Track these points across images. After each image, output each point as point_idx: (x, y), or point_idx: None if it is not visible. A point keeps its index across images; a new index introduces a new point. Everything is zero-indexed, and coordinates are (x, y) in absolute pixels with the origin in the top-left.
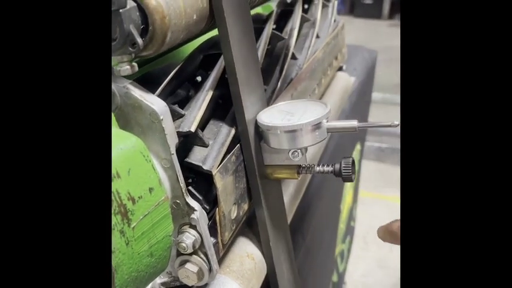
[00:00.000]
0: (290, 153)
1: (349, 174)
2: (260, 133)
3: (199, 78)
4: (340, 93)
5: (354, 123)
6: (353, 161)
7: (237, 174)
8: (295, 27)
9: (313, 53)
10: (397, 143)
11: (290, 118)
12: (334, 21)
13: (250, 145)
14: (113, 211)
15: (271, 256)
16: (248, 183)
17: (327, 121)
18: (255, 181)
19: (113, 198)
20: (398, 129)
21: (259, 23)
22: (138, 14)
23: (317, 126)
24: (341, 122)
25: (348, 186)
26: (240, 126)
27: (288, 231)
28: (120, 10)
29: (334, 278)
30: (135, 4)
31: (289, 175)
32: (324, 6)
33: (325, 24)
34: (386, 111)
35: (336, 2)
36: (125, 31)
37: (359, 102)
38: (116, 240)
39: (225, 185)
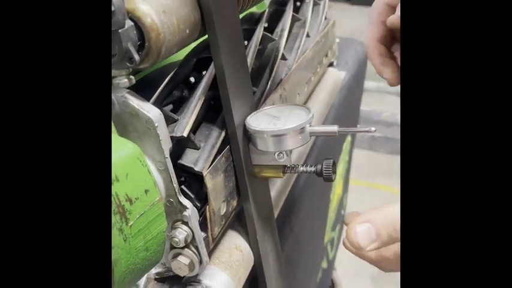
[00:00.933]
0: (276, 155)
1: (329, 175)
2: (248, 135)
3: (192, 79)
4: (329, 90)
5: (334, 128)
6: (333, 162)
7: (227, 173)
8: (285, 28)
9: (303, 52)
10: (389, 132)
11: (276, 122)
12: (325, 18)
13: (239, 147)
14: (112, 211)
15: (257, 248)
16: (237, 181)
17: (310, 126)
18: (243, 180)
19: (112, 200)
20: (391, 118)
21: (251, 23)
22: (135, 32)
23: (301, 130)
24: (323, 127)
25: (338, 176)
26: (229, 129)
27: (275, 225)
28: (120, 30)
29: (324, 264)
30: (132, 23)
31: (275, 174)
32: (316, 4)
33: (315, 23)
34: (381, 100)
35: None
36: (123, 49)
37: (349, 96)
38: (115, 237)
39: (214, 184)
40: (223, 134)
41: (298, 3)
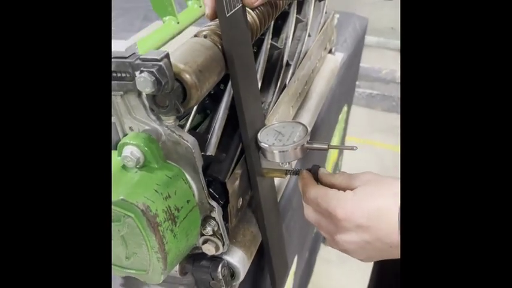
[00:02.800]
0: (280, 163)
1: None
2: (259, 147)
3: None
4: (327, 77)
5: (325, 145)
6: (318, 167)
7: (242, 177)
8: (289, 36)
9: (305, 53)
10: (387, 90)
11: (281, 138)
12: (326, 13)
13: (251, 156)
14: (166, 218)
15: (264, 229)
16: (249, 180)
17: (307, 143)
18: (254, 180)
19: (166, 210)
20: (390, 76)
21: None
22: (180, 90)
23: (300, 147)
24: (316, 144)
25: (334, 143)
26: (244, 143)
27: (278, 209)
28: (171, 93)
29: None
30: (179, 84)
31: (279, 175)
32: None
33: (316, 21)
34: (381, 55)
35: None
36: (172, 104)
37: (346, 75)
38: (168, 236)
39: (233, 188)
40: (239, 146)
41: None
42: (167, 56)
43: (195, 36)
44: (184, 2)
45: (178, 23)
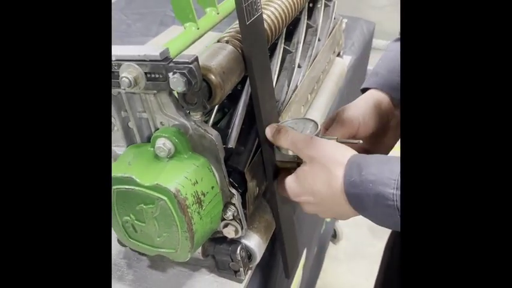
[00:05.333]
0: (292, 155)
1: None
2: None
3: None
4: (335, 79)
5: (334, 139)
6: None
7: (258, 168)
8: (300, 41)
9: (315, 57)
10: None
11: None
12: (334, 18)
13: (267, 150)
14: (194, 201)
15: (278, 217)
16: (264, 171)
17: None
18: (269, 170)
19: (194, 194)
20: None
21: None
22: (207, 89)
23: None
24: (325, 138)
25: None
26: (261, 137)
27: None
28: (199, 91)
29: (328, 218)
30: (205, 84)
31: (291, 166)
32: (326, 6)
33: (325, 26)
34: None
35: (336, 1)
36: (200, 101)
37: (354, 77)
38: (195, 217)
39: (251, 177)
40: (256, 140)
41: (311, 4)
42: (196, 59)
43: (218, 41)
44: (203, 10)
45: (198, 28)
